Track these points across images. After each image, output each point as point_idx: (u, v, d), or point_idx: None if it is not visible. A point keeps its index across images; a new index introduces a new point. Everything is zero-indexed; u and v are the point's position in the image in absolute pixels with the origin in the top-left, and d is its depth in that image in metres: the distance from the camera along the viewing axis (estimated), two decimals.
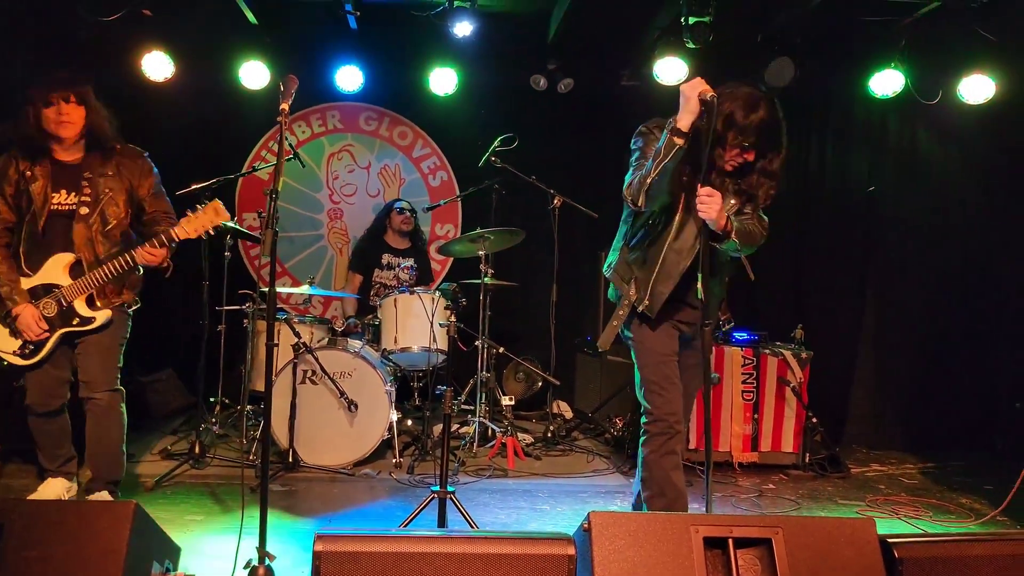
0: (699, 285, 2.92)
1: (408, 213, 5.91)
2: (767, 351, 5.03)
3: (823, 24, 5.44)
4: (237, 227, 4.40)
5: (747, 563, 2.42)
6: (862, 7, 5.12)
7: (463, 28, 4.98)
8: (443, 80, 5.71)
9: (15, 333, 3.37)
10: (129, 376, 3.64)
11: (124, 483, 4.22)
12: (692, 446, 4.75)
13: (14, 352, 3.37)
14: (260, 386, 4.86)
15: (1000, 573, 2.40)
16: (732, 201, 3.10)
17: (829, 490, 4.66)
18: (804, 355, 5.04)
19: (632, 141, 3.15)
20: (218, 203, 3.31)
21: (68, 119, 3.33)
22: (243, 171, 5.74)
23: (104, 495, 3.52)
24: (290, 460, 4.43)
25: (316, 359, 4.49)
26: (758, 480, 4.79)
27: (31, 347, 3.37)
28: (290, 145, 4.93)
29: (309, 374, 4.55)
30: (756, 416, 4.99)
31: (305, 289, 4.82)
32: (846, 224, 6.03)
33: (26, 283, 3.36)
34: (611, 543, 2.36)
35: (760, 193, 3.14)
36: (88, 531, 2.23)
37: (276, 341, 2.91)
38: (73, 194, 3.37)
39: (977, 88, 5.47)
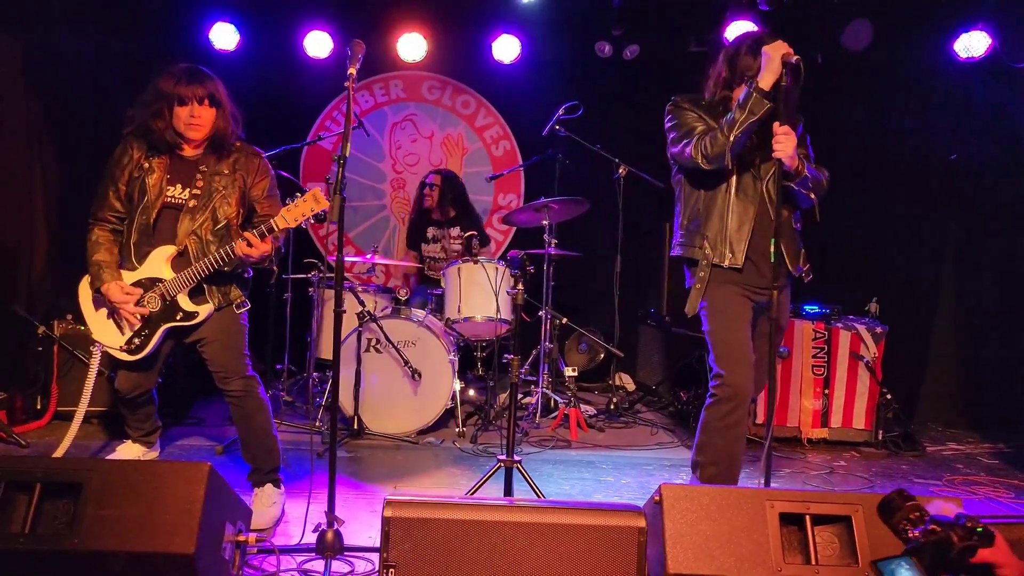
0: (771, 245, 3.03)
1: (432, 188, 5.73)
2: (839, 325, 4.87)
3: None
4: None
5: (825, 540, 2.34)
6: None
7: None
8: (507, 48, 5.65)
9: (121, 327, 3.29)
10: (178, 351, 3.49)
11: (195, 446, 4.35)
12: (759, 420, 4.65)
13: (121, 348, 3.27)
14: (326, 354, 4.91)
15: None
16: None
17: (904, 468, 4.51)
18: (879, 330, 4.86)
19: (666, 115, 3.32)
20: (318, 191, 3.16)
21: (198, 122, 3.19)
22: (308, 140, 5.77)
23: (269, 488, 3.36)
24: (355, 427, 4.47)
25: (381, 327, 4.51)
26: (828, 457, 4.66)
27: (137, 342, 3.27)
28: (355, 114, 4.95)
29: (374, 342, 4.58)
30: (827, 391, 4.84)
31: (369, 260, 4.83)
32: (925, 194, 5.77)
33: (131, 276, 3.25)
34: (683, 516, 2.31)
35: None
36: (164, 491, 2.27)
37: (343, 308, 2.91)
38: (187, 189, 3.25)
39: None
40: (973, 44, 5.26)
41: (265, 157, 3.42)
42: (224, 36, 5.48)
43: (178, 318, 3.25)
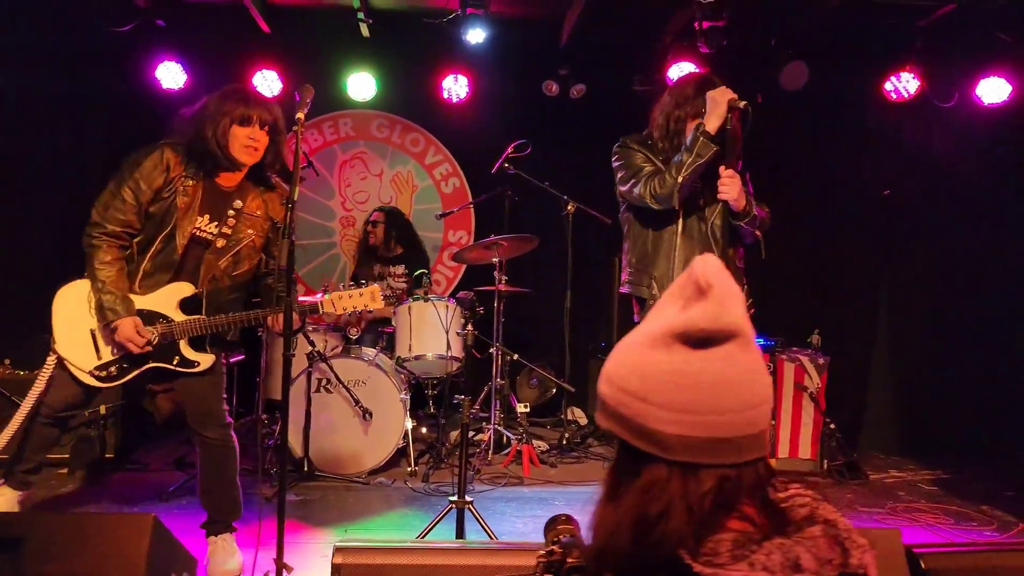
0: None
1: (376, 225, 5.73)
2: (784, 356, 4.99)
3: (837, 27, 5.42)
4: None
5: None
6: (877, 10, 5.09)
7: (476, 35, 4.99)
8: (455, 87, 5.72)
9: (99, 349, 2.98)
10: (143, 384, 3.37)
11: (138, 493, 4.24)
12: None
13: (91, 371, 2.97)
14: (275, 395, 4.86)
15: None
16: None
17: (849, 497, 4.61)
18: (821, 360, 4.99)
19: (614, 156, 3.42)
20: (377, 290, 3.12)
21: (256, 145, 2.97)
22: None
23: (228, 537, 3.22)
24: (305, 469, 4.42)
25: (331, 367, 4.48)
26: None
27: (113, 371, 2.99)
28: (304, 154, 4.95)
29: (324, 383, 4.54)
30: (773, 423, 4.94)
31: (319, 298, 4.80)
32: (861, 228, 5.99)
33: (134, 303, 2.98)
34: None
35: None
36: (108, 544, 2.22)
37: (292, 351, 2.90)
38: (215, 223, 3.00)
39: (994, 90, 5.43)
40: (903, 85, 5.50)
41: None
42: (170, 75, 5.45)
43: (175, 363, 3.03)
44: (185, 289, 3.02)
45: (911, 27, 5.27)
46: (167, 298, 3.00)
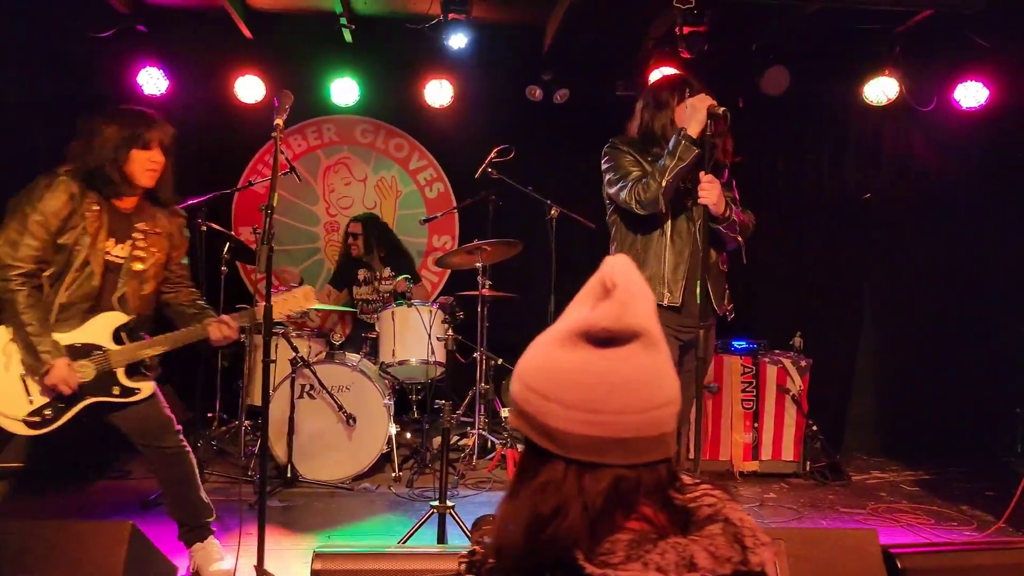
0: (697, 286, 3.17)
1: (356, 237, 5.68)
2: (766, 359, 5.02)
3: (817, 33, 5.47)
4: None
5: None
6: (855, 15, 5.14)
7: (458, 40, 4.99)
8: (438, 92, 5.72)
9: (31, 395, 2.85)
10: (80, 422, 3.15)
11: (120, 500, 4.22)
12: (692, 456, 4.73)
13: (24, 418, 2.82)
14: (258, 401, 4.84)
15: None
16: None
17: (831, 498, 4.64)
18: (803, 363, 5.03)
19: (603, 157, 3.43)
20: (309, 289, 3.10)
21: (155, 168, 2.93)
22: (239, 186, 5.73)
23: (212, 540, 3.19)
24: (288, 475, 4.40)
25: (314, 373, 4.48)
26: (759, 489, 4.77)
27: (48, 414, 2.85)
28: (286, 159, 4.96)
29: (307, 388, 4.53)
30: (756, 425, 4.97)
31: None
32: (843, 231, 6.04)
33: (62, 340, 2.87)
34: None
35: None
36: (84, 552, 2.21)
37: (273, 357, 2.90)
38: (121, 246, 2.96)
39: (971, 94, 5.49)
40: (882, 89, 5.55)
41: (185, 218, 3.23)
42: (152, 81, 5.43)
43: (115, 393, 2.94)
44: (118, 318, 2.97)
45: (890, 32, 5.32)
46: (100, 329, 2.94)
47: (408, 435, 5.20)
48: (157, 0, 5.17)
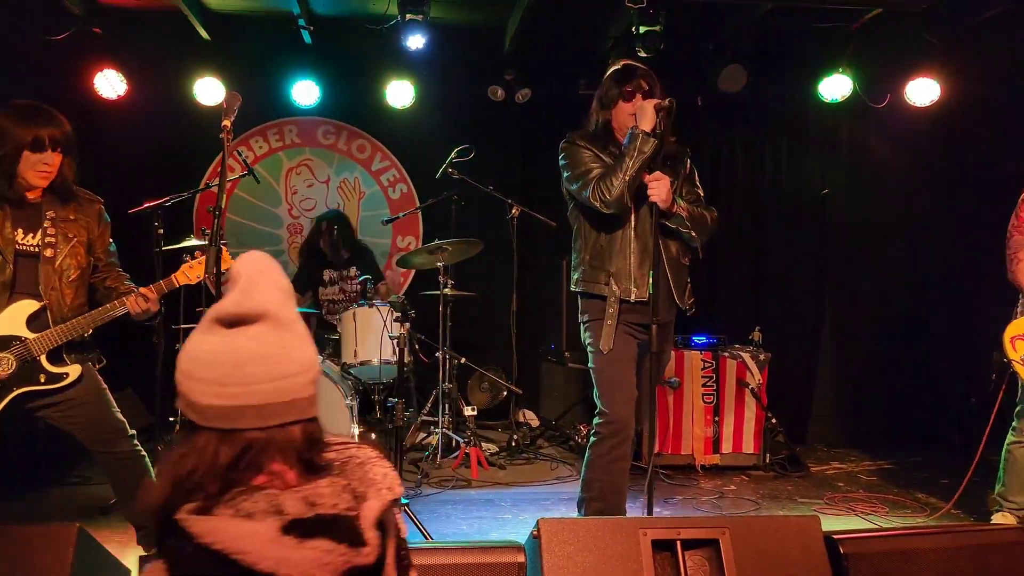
0: (650, 280, 3.15)
1: (332, 231, 5.66)
2: (726, 354, 5.08)
3: (772, 31, 5.56)
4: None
5: (695, 564, 2.44)
6: (809, 14, 5.22)
7: (416, 41, 4.99)
8: (400, 93, 5.72)
9: None
10: (18, 412, 3.08)
11: (80, 507, 4.18)
12: (657, 450, 4.78)
13: None
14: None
15: (942, 564, 2.45)
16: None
17: (789, 489, 4.71)
18: (762, 357, 5.10)
19: (560, 153, 3.39)
20: (224, 249, 3.03)
21: (48, 169, 2.89)
22: (198, 188, 5.69)
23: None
24: None
25: None
26: (720, 482, 4.83)
27: None
28: (245, 161, 4.92)
29: None
30: (717, 419, 5.04)
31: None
32: (801, 227, 6.13)
33: None
34: (561, 549, 2.37)
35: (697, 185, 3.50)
36: (28, 558, 2.20)
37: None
38: (32, 235, 2.94)
39: (923, 91, 5.60)
40: (837, 87, 5.64)
41: (103, 204, 3.18)
42: (110, 84, 5.38)
43: (41, 381, 2.91)
44: (30, 306, 2.93)
45: (844, 30, 5.41)
46: (13, 318, 2.91)
47: (372, 436, 5.20)
48: (112, 1, 5.13)
